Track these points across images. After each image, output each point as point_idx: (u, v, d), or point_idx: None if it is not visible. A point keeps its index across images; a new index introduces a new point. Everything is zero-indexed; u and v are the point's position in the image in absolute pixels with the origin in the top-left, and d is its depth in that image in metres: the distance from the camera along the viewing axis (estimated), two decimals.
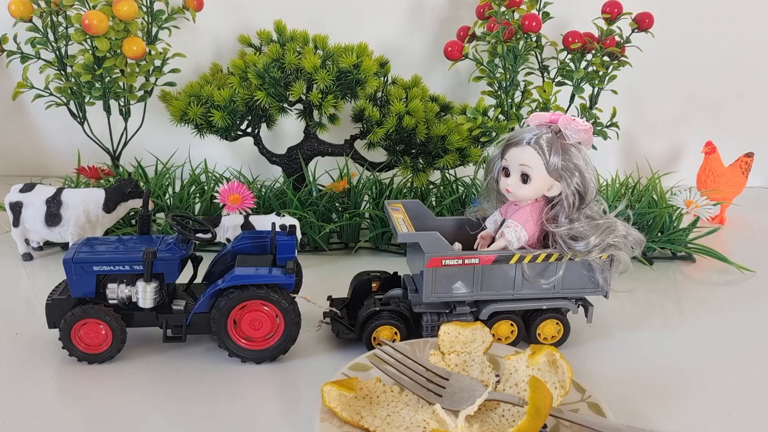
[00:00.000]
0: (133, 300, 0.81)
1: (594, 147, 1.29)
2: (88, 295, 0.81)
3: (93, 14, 1.14)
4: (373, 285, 0.90)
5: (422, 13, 1.51)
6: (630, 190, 1.26)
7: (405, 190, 1.19)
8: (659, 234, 1.20)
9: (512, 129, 1.30)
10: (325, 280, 1.06)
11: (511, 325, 0.85)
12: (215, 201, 1.11)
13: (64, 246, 1.15)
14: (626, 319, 0.96)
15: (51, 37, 1.25)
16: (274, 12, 1.27)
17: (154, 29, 1.33)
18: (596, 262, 0.81)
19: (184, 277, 0.86)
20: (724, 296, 1.06)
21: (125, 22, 1.19)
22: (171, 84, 1.33)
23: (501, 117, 1.27)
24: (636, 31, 1.28)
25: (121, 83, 1.28)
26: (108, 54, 1.20)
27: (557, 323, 0.85)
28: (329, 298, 0.92)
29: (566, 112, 1.29)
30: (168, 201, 1.23)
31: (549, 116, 0.80)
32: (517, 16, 1.27)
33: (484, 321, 0.83)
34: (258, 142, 1.26)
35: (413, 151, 1.22)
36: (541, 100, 1.26)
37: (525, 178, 0.79)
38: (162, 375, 0.79)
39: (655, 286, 1.08)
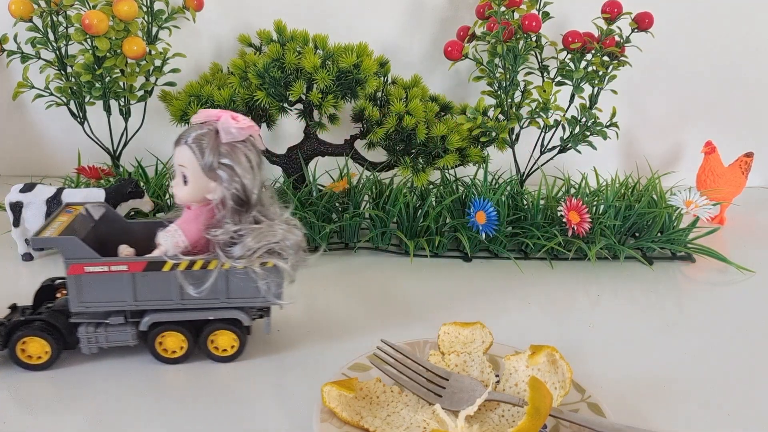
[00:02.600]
0: None
1: (593, 147, 1.30)
2: None
3: (93, 14, 1.14)
4: (59, 293, 0.84)
5: (422, 13, 1.51)
6: (630, 190, 1.26)
7: (405, 190, 1.19)
8: (659, 234, 1.20)
9: (512, 129, 1.30)
10: (324, 280, 1.06)
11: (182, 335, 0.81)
12: None
13: None
14: (626, 319, 0.96)
15: (51, 36, 1.25)
16: (274, 12, 1.28)
17: (154, 29, 1.33)
18: (258, 270, 0.76)
19: None
20: (724, 296, 1.06)
21: (125, 22, 1.19)
22: (171, 84, 1.33)
23: (501, 117, 1.27)
24: (636, 31, 1.28)
25: (121, 83, 1.28)
26: (108, 54, 1.20)
27: (232, 334, 0.81)
28: (12, 305, 0.84)
29: (566, 111, 1.29)
30: (168, 201, 1.23)
31: (215, 114, 0.76)
32: (517, 15, 1.27)
33: (145, 332, 0.79)
34: None
35: (413, 151, 1.22)
36: (541, 100, 1.26)
37: (185, 179, 0.76)
38: (159, 375, 0.79)
39: (655, 286, 1.08)
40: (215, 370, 0.80)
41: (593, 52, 1.26)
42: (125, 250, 0.83)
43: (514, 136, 1.31)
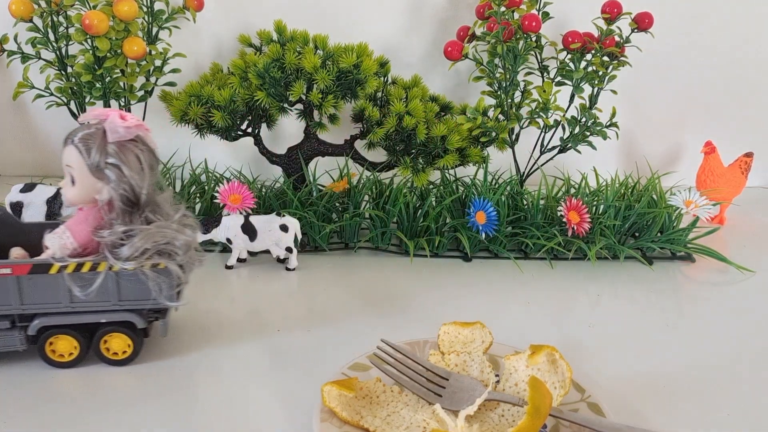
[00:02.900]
0: None
1: (593, 147, 1.30)
2: None
3: (93, 14, 1.15)
4: None
5: (422, 13, 1.51)
6: (629, 190, 1.26)
7: (405, 190, 1.19)
8: (659, 234, 1.20)
9: (512, 129, 1.30)
10: (324, 280, 1.06)
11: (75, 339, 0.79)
12: (215, 201, 1.11)
13: None
14: (626, 319, 0.96)
15: (51, 37, 1.25)
16: (274, 12, 1.28)
17: (155, 29, 1.33)
18: (148, 272, 0.74)
19: None
20: (724, 296, 1.06)
21: (125, 22, 1.19)
22: (171, 84, 1.33)
23: (501, 117, 1.27)
24: (635, 31, 1.28)
25: (121, 83, 1.28)
26: (108, 54, 1.20)
27: (125, 337, 0.79)
28: None
29: (566, 111, 1.29)
30: None
31: (105, 112, 0.74)
32: (516, 16, 1.27)
33: (34, 336, 0.77)
34: (258, 142, 1.26)
35: (413, 151, 1.22)
36: (540, 100, 1.26)
37: (73, 179, 0.74)
38: (160, 374, 0.79)
39: (655, 286, 1.08)
40: (214, 370, 0.80)
41: (593, 52, 1.26)
42: (16, 252, 0.82)
43: (514, 136, 1.31)
